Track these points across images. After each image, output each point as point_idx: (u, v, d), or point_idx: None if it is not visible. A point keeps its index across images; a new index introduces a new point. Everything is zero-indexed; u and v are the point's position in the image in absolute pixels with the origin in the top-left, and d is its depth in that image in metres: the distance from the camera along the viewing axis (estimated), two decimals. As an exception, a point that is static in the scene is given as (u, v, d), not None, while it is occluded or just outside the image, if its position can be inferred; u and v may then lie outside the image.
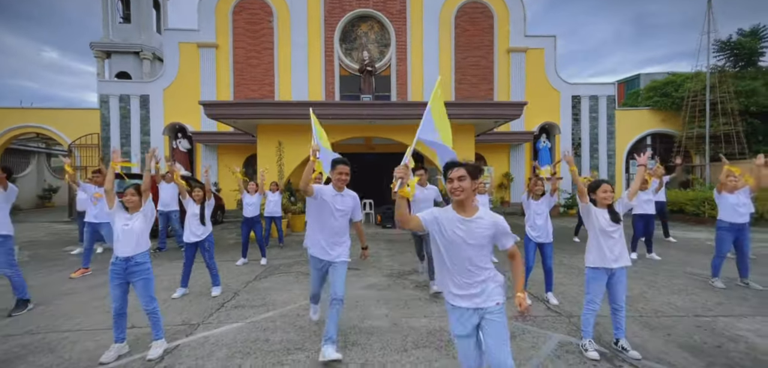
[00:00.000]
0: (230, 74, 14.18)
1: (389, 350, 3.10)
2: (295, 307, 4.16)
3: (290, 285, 5.00)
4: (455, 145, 9.45)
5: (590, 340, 3.00)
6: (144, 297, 3.00)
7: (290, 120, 9.66)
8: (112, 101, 13.70)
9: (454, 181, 1.93)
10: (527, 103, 11.39)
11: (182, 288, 4.43)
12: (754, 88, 12.28)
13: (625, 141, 14.94)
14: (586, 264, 3.05)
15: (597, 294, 3.00)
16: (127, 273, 2.95)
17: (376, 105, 9.90)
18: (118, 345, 2.99)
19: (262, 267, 5.91)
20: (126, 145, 13.72)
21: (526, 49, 14.66)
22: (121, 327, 3.01)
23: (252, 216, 6.08)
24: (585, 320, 3.03)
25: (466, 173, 1.93)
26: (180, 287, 4.45)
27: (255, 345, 3.18)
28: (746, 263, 4.63)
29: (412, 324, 3.64)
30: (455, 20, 14.66)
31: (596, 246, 2.98)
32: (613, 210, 3.00)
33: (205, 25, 14.02)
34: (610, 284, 2.99)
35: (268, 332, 3.46)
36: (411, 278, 5.37)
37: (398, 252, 7.11)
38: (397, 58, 14.60)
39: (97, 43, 15.65)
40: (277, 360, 2.92)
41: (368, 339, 3.29)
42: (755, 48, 12.44)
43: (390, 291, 4.80)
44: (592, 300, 3.00)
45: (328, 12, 14.46)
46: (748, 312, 3.84)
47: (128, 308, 3.06)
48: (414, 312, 4.00)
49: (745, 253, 4.59)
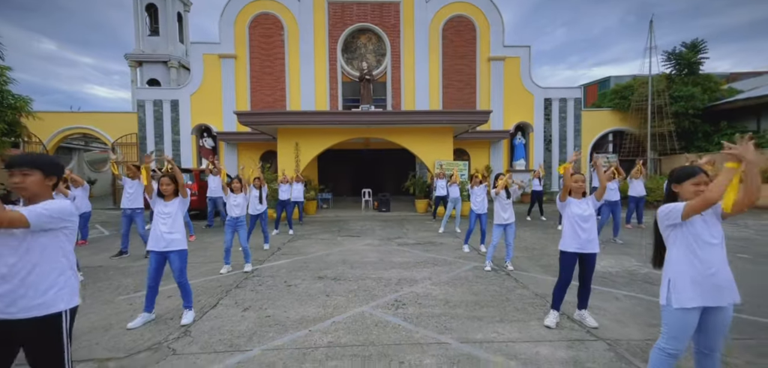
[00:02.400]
0: (247, 81, 16.41)
1: (377, 269, 5.44)
2: (319, 254, 6.50)
3: (314, 245, 7.34)
4: (438, 143, 12.20)
5: (555, 312, 3.38)
6: (177, 271, 3.45)
7: (305, 125, 11.96)
8: (147, 105, 15.97)
9: None
10: (492, 112, 13.74)
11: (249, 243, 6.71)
12: (693, 93, 14.53)
13: (590, 137, 17.23)
14: (560, 248, 3.39)
15: (569, 273, 3.32)
16: (166, 251, 3.39)
17: (373, 113, 12.19)
18: (146, 314, 3.44)
19: (290, 236, 8.25)
20: (160, 143, 16.02)
21: (504, 58, 16.85)
22: (151, 300, 3.46)
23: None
24: (556, 295, 3.40)
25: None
26: (268, 237, 6.73)
27: (299, 269, 5.53)
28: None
29: (392, 259, 5.99)
30: (442, 32, 16.83)
31: (570, 232, 3.30)
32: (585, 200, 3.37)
33: (226, 38, 16.21)
34: (581, 265, 3.34)
35: (307, 263, 5.81)
36: (395, 240, 7.71)
37: (388, 227, 9.45)
38: (392, 65, 16.80)
39: (131, 54, 17.91)
40: (314, 275, 5.26)
41: (364, 267, 5.62)
42: (694, 59, 14.67)
43: (380, 246, 7.12)
44: (566, 279, 3.33)
45: (332, 25, 16.63)
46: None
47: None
48: (393, 256, 6.34)
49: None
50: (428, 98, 16.71)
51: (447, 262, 5.82)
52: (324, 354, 2.92)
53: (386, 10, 16.59)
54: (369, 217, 11.33)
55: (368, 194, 13.76)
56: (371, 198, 13.77)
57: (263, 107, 16.23)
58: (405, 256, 6.29)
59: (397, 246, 7.11)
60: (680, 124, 15.12)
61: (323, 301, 4.11)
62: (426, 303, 4.04)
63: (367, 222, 10.23)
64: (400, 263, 5.82)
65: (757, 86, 16.18)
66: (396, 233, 8.60)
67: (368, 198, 13.73)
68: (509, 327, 3.41)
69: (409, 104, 16.66)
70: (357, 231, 8.96)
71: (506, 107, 16.88)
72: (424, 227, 9.47)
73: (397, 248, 6.96)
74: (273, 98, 16.49)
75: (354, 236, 8.24)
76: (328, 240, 7.74)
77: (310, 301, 4.11)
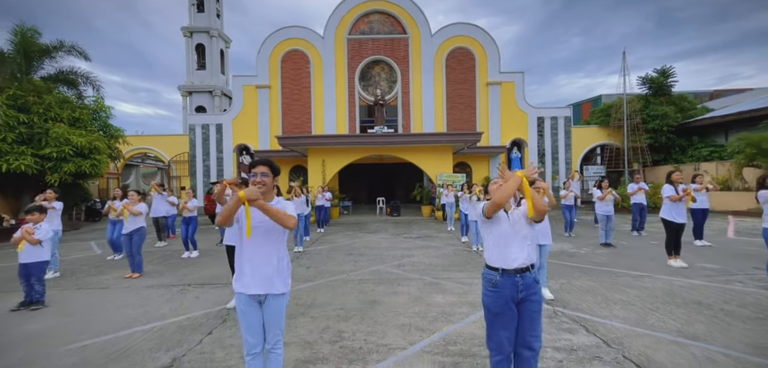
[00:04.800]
0: (279, 107, 19.33)
1: (388, 250, 7.92)
2: (346, 243, 9.04)
3: (341, 238, 9.89)
4: (440, 159, 15.05)
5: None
6: None
7: (330, 145, 14.65)
8: (197, 129, 19.07)
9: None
10: (483, 133, 16.19)
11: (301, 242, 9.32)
12: (666, 112, 16.56)
13: (579, 151, 19.34)
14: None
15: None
16: None
17: (385, 135, 14.79)
18: None
19: (319, 234, 10.81)
20: (207, 161, 19.05)
21: (501, 83, 19.25)
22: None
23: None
24: None
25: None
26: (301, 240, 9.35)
27: (334, 251, 8.07)
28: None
29: (398, 245, 8.47)
30: (446, 62, 19.39)
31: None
32: None
33: (261, 71, 19.22)
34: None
35: (339, 248, 8.35)
36: (403, 235, 10.17)
37: (398, 227, 11.92)
38: (402, 91, 19.44)
39: (183, 85, 21.22)
40: (345, 253, 7.79)
41: (379, 249, 8.11)
42: (664, 83, 16.74)
43: (391, 239, 9.60)
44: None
45: (351, 58, 19.44)
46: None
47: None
48: (399, 244, 8.81)
49: None
50: (434, 119, 19.22)
51: (436, 247, 8.27)
52: (357, 281, 5.44)
53: (397, 44, 19.31)
54: (383, 220, 13.84)
55: (382, 202, 16.30)
56: (385, 205, 16.30)
57: (292, 128, 19.09)
58: (408, 244, 8.77)
59: (404, 239, 9.59)
60: (658, 139, 17.12)
61: (353, 264, 6.64)
62: (417, 264, 6.51)
63: (381, 224, 12.74)
64: (404, 247, 8.30)
65: (727, 105, 18.01)
66: (404, 231, 11.07)
67: (382, 205, 16.26)
68: (463, 274, 5.83)
69: (417, 124, 19.21)
70: (373, 229, 11.49)
71: (503, 125, 19.21)
72: (427, 227, 11.90)
73: (404, 240, 9.44)
74: (301, 121, 19.34)
75: (371, 233, 10.76)
76: (351, 235, 10.30)
77: (345, 264, 6.65)
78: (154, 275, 6.16)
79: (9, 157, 9.43)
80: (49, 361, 3.14)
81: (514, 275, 2.20)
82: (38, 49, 11.19)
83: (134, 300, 4.81)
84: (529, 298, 2.19)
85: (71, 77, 11.94)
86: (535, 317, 2.20)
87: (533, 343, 2.20)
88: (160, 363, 3.07)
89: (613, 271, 5.77)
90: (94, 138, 11.09)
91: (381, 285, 5.27)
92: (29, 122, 10.08)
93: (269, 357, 2.27)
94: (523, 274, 2.20)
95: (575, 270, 5.92)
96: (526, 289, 2.20)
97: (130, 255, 6.16)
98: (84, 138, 10.61)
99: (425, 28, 19.24)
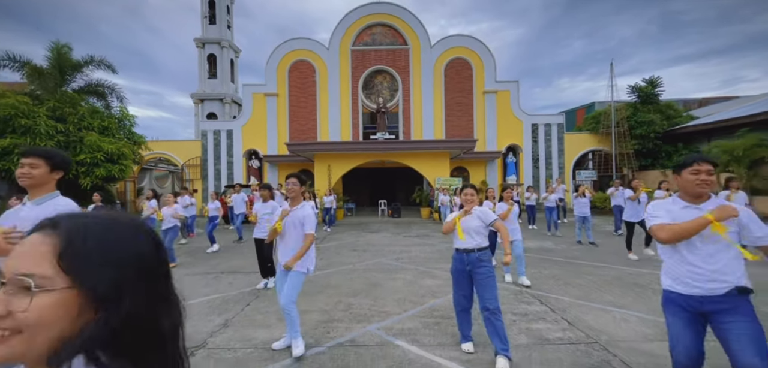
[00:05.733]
0: (287, 114, 20.42)
1: (388, 247, 8.94)
2: (351, 241, 10.07)
3: (347, 237, 10.92)
4: (437, 164, 16.19)
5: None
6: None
7: (335, 151, 15.71)
8: (209, 135, 20.19)
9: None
10: (477, 140, 17.15)
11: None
12: (652, 119, 17.54)
13: (571, 156, 20.31)
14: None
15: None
16: None
17: (386, 142, 15.84)
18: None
19: (325, 233, 11.83)
20: (218, 165, 20.15)
21: (497, 91, 20.27)
22: None
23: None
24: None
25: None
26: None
27: (341, 247, 9.10)
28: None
29: (398, 242, 9.49)
30: (444, 71, 20.44)
31: None
32: None
33: (270, 80, 20.33)
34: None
35: (345, 245, 9.37)
36: (402, 234, 11.18)
37: (398, 227, 12.94)
38: (403, 99, 20.49)
39: (195, 93, 22.39)
40: (350, 249, 8.82)
41: (380, 246, 9.13)
42: (651, 92, 17.73)
43: (391, 237, 10.62)
44: None
45: (354, 68, 20.52)
46: (534, 240, 9.46)
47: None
48: (399, 241, 9.83)
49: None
50: (433, 125, 20.26)
51: (432, 244, 9.28)
52: (362, 269, 6.47)
53: (398, 55, 20.39)
54: (384, 221, 14.86)
55: (384, 204, 17.32)
56: (386, 207, 17.32)
57: (299, 134, 20.18)
58: (407, 241, 9.79)
59: (403, 237, 10.61)
60: (645, 145, 18.08)
61: (358, 257, 7.67)
62: (413, 257, 7.53)
63: (383, 225, 13.77)
64: (402, 244, 9.32)
65: (713, 112, 18.96)
66: (403, 230, 12.09)
67: (384, 207, 17.28)
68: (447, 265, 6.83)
69: (417, 131, 20.25)
70: (375, 229, 12.52)
71: (499, 132, 20.22)
72: (425, 227, 12.92)
73: (403, 238, 10.46)
74: (307, 127, 20.42)
75: (373, 232, 11.79)
76: (355, 234, 11.33)
77: (352, 257, 7.68)
78: (187, 265, 7.21)
79: (49, 162, 10.53)
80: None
81: (462, 253, 3.23)
82: (71, 64, 12.31)
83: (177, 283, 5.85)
84: (476, 271, 3.19)
85: (99, 89, 13.05)
86: (484, 283, 3.17)
87: (487, 304, 3.16)
88: (215, 323, 4.11)
89: (580, 263, 6.77)
90: (122, 144, 12.20)
91: (381, 272, 6.29)
92: (65, 131, 11.20)
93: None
94: (468, 253, 3.21)
95: (549, 262, 6.92)
96: (471, 264, 3.19)
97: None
98: (113, 145, 11.72)
99: (425, 40, 20.31)
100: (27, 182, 2.13)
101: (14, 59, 11.65)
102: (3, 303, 0.46)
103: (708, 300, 1.96)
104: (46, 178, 2.17)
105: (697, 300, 1.99)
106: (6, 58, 11.50)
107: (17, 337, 0.46)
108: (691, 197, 2.09)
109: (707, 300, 1.96)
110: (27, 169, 2.11)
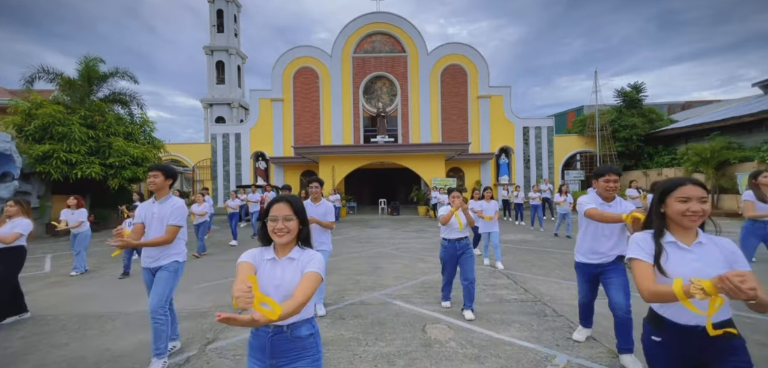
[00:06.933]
0: (291, 117, 21.62)
1: (387, 239, 10.14)
2: (354, 235, 11.27)
3: (350, 232, 12.12)
4: (433, 165, 17.56)
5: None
6: None
7: (339, 153, 16.91)
8: (218, 138, 21.38)
9: None
10: (470, 143, 18.43)
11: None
12: (635, 122, 18.76)
13: (560, 157, 21.54)
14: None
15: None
16: None
17: (386, 145, 17.05)
18: None
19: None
20: (226, 166, 21.34)
21: (490, 96, 21.48)
22: None
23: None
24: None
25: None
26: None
27: (346, 240, 10.30)
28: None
29: (396, 236, 10.70)
30: (441, 77, 21.65)
31: None
32: None
33: (275, 86, 21.53)
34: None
35: (349, 238, 10.57)
36: (401, 230, 12.39)
37: (397, 223, 14.14)
38: (401, 103, 21.70)
39: (204, 98, 23.58)
40: (355, 241, 10.01)
41: (380, 239, 10.33)
42: (635, 97, 18.96)
43: (390, 232, 11.83)
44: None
45: (355, 74, 21.72)
46: (518, 234, 10.67)
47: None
48: (397, 236, 11.03)
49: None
50: (430, 128, 21.46)
51: (426, 238, 10.49)
52: (366, 257, 7.68)
53: (397, 61, 21.59)
54: (384, 219, 16.06)
55: (384, 202, 18.52)
56: (386, 205, 18.52)
57: (303, 137, 21.38)
58: (404, 235, 11.00)
59: (401, 232, 11.82)
60: (628, 147, 19.31)
61: (362, 247, 8.87)
62: (409, 248, 8.73)
63: (383, 222, 14.96)
64: (401, 237, 10.53)
65: (692, 116, 20.19)
66: (402, 226, 13.30)
67: (384, 206, 18.48)
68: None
69: (415, 134, 21.46)
70: (375, 225, 13.72)
71: (492, 134, 21.43)
72: (421, 223, 14.12)
73: (401, 233, 11.67)
74: (310, 130, 21.62)
75: (374, 228, 13.00)
76: (358, 229, 12.53)
77: (356, 247, 8.88)
78: (216, 255, 8.40)
79: (82, 165, 11.72)
80: (188, 293, 5.38)
81: (454, 241, 4.40)
82: (98, 75, 13.49)
83: (213, 268, 7.05)
84: (463, 254, 4.35)
85: (122, 97, 14.24)
86: (468, 263, 4.30)
87: (468, 276, 4.28)
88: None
89: (551, 251, 7.98)
90: (145, 149, 13.39)
91: (382, 259, 7.50)
92: (96, 137, 12.37)
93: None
94: (459, 241, 4.38)
95: (525, 251, 8.13)
96: (461, 249, 4.35)
97: (199, 240, 8.42)
98: (138, 149, 12.91)
99: (422, 48, 21.52)
100: (153, 188, 3.32)
101: (47, 71, 12.84)
102: (284, 229, 1.67)
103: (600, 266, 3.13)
104: (163, 184, 3.34)
105: (594, 267, 3.17)
106: (41, 71, 12.69)
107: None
108: (603, 198, 3.19)
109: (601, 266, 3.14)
110: (151, 179, 3.30)
